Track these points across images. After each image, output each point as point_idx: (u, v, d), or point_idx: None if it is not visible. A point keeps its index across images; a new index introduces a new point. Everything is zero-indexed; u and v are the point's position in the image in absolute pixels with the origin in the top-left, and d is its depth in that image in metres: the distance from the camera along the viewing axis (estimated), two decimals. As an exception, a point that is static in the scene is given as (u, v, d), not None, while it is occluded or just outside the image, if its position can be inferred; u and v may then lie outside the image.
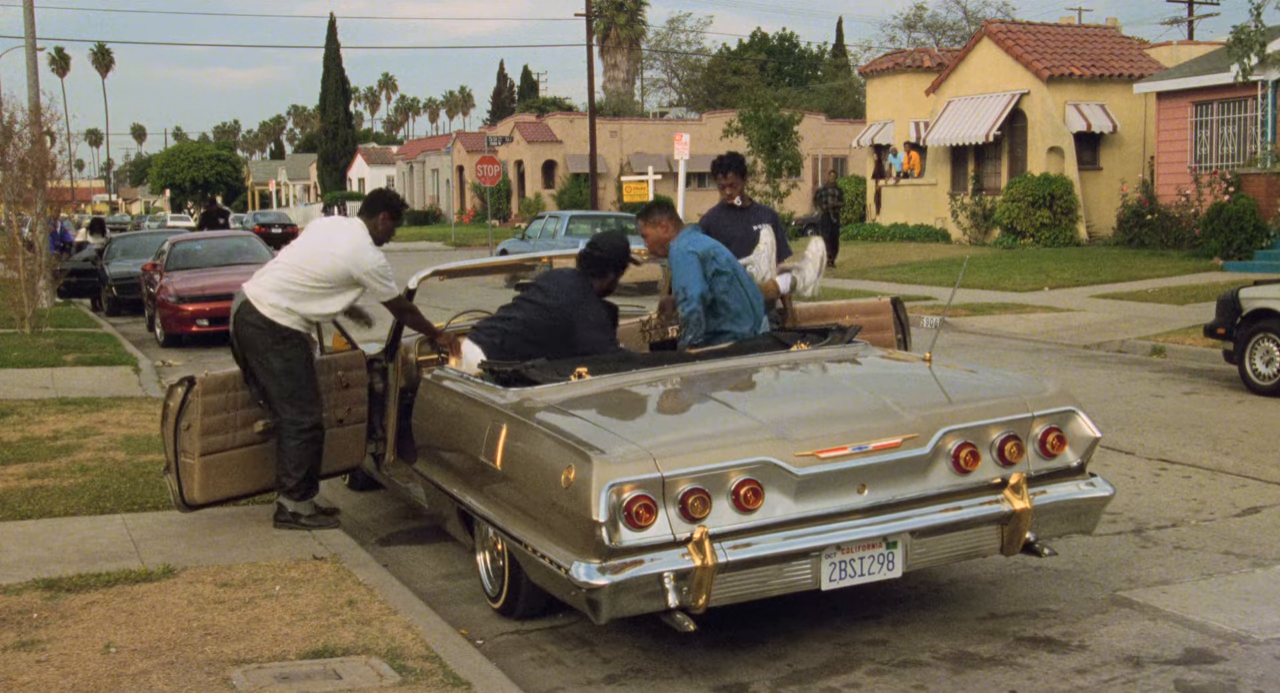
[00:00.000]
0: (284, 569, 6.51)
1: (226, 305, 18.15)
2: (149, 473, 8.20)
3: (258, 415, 7.33)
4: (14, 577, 6.38)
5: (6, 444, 9.81)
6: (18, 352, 15.94)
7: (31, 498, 7.98)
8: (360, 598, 6.02)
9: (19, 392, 12.59)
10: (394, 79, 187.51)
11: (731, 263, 7.36)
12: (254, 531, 7.33)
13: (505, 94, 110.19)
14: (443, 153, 75.01)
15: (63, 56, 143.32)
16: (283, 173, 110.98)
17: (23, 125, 20.07)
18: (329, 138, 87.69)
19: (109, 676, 5.03)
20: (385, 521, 8.04)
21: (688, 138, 27.67)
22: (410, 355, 7.86)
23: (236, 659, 5.21)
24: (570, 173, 61.35)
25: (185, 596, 6.07)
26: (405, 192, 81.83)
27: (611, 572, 4.97)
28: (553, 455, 5.36)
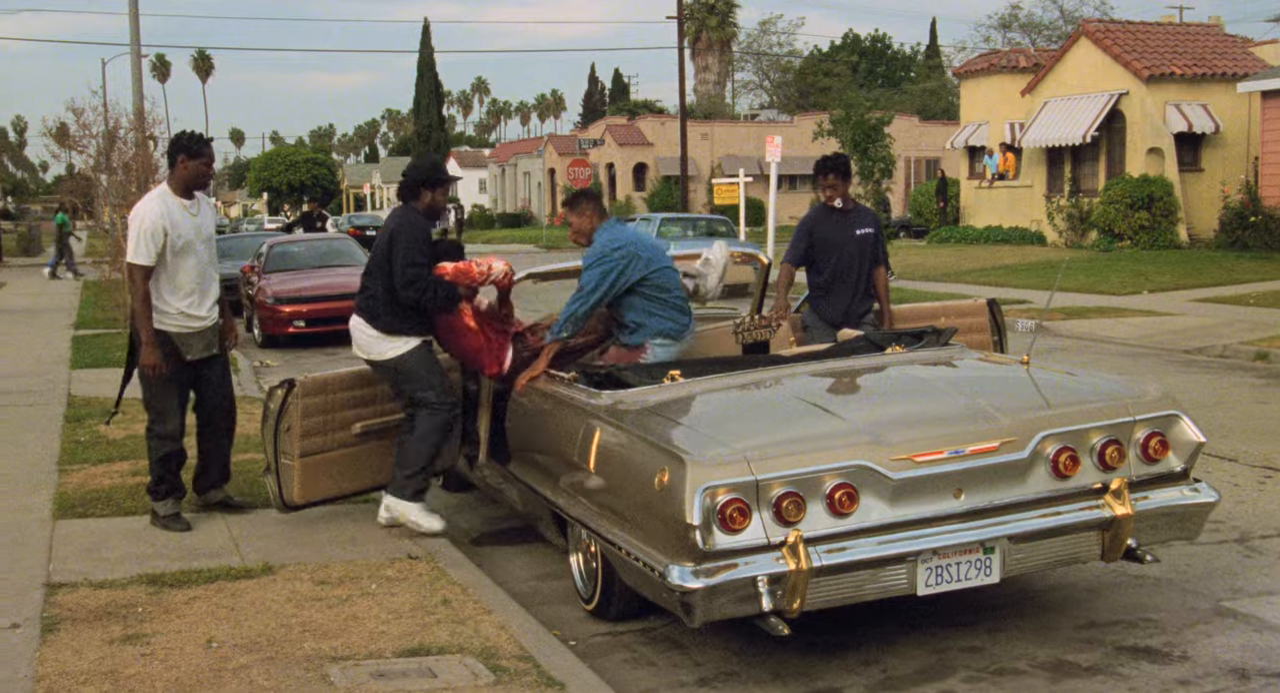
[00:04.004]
0: (380, 568, 6.59)
1: (323, 307, 18.59)
2: (249, 472, 8.33)
3: (357, 417, 7.42)
4: (119, 572, 6.52)
5: (111, 442, 10.03)
6: (121, 351, 16.24)
7: (135, 495, 8.14)
8: (455, 598, 6.07)
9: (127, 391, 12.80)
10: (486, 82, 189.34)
11: (651, 262, 7.20)
12: (350, 529, 7.42)
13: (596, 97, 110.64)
14: (534, 156, 75.46)
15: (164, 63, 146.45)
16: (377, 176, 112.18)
17: (127, 130, 20.51)
18: (422, 141, 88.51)
19: (211, 670, 5.12)
20: (478, 521, 8.10)
21: (780, 140, 27.52)
22: (504, 357, 7.90)
23: (334, 656, 5.28)
24: (661, 175, 61.41)
25: (284, 593, 6.16)
26: (497, 194, 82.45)
27: (705, 575, 4.97)
28: (646, 458, 5.37)
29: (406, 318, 7.17)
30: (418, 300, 7.08)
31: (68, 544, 7.09)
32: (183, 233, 7.44)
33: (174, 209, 7.46)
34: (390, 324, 7.16)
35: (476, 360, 7.30)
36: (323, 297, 18.21)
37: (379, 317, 7.19)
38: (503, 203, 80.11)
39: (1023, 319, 17.39)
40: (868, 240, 8.49)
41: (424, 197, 7.35)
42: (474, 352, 7.26)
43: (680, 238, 26.85)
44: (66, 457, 9.51)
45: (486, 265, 7.23)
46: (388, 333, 7.16)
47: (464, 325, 7.23)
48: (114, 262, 20.59)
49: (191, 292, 7.49)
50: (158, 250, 7.35)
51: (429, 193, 7.36)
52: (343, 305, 18.16)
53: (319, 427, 7.30)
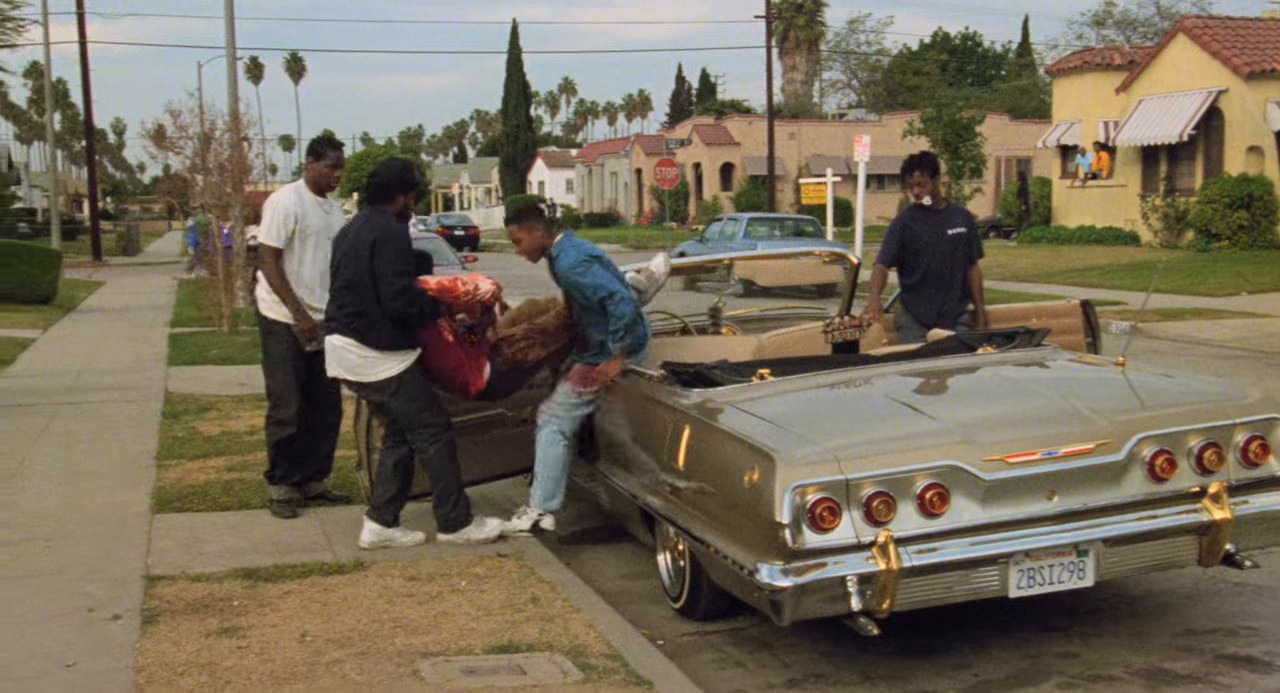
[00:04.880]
0: (469, 565, 6.64)
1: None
2: (340, 468, 8.43)
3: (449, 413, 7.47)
4: (216, 566, 6.64)
5: (207, 438, 10.21)
6: (216, 349, 16.59)
7: (231, 490, 8.29)
8: (543, 595, 6.10)
9: (217, 388, 13.09)
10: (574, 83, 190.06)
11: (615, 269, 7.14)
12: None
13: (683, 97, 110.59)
14: (621, 155, 75.63)
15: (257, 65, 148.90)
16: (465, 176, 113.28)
17: (222, 132, 20.85)
18: (510, 141, 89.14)
19: (305, 664, 5.20)
20: (566, 519, 8.11)
21: (868, 139, 27.36)
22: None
23: (425, 652, 5.33)
24: (748, 175, 61.26)
25: (375, 588, 6.23)
26: (584, 194, 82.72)
27: (794, 574, 4.95)
28: (735, 457, 5.36)
29: (397, 331, 6.85)
30: (403, 313, 6.76)
31: (166, 538, 7.23)
32: (310, 226, 7.70)
33: (306, 202, 7.77)
34: (386, 341, 6.84)
35: (455, 377, 7.00)
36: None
37: (371, 333, 6.84)
38: (589, 202, 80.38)
39: (1116, 321, 17.11)
40: (960, 240, 8.41)
41: (396, 200, 7.03)
42: (452, 369, 6.98)
43: (767, 238, 26.81)
44: (164, 452, 9.70)
45: (473, 285, 6.91)
46: (384, 350, 6.85)
47: (442, 341, 6.93)
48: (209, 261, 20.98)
49: (312, 285, 7.70)
50: (287, 235, 7.64)
51: (401, 196, 7.04)
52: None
53: (409, 424, 7.35)
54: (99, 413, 11.79)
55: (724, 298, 9.02)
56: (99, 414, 11.71)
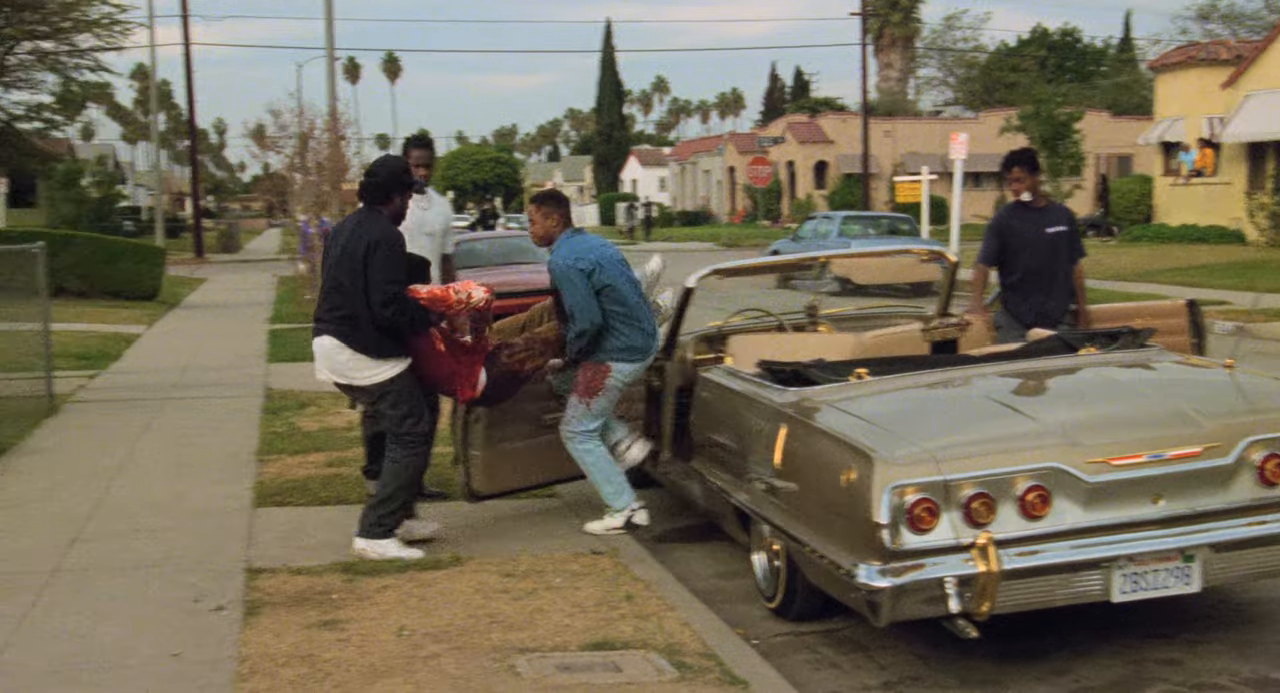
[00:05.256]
0: (564, 562, 6.66)
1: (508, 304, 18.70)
2: (437, 464, 8.49)
3: (544, 410, 7.52)
4: (316, 559, 6.73)
5: (306, 434, 10.37)
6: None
7: (330, 485, 8.41)
8: (638, 593, 6.10)
9: (316, 384, 13.17)
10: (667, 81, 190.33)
11: (614, 274, 7.15)
12: (535, 523, 7.53)
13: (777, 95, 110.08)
14: (714, 154, 75.54)
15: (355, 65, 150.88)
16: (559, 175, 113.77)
17: (321, 131, 21.18)
18: (603, 140, 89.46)
19: (403, 657, 5.25)
20: (660, 517, 8.12)
21: (965, 137, 27.01)
22: (687, 353, 7.92)
23: (520, 648, 5.36)
24: (842, 173, 60.86)
25: (471, 584, 6.27)
26: (677, 192, 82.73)
27: (892, 574, 4.91)
28: (833, 456, 5.33)
29: (390, 338, 6.73)
30: (393, 322, 6.62)
31: (267, 531, 7.35)
32: (408, 225, 7.64)
33: None
34: (374, 346, 6.71)
35: (449, 385, 6.98)
36: (504, 293, 18.40)
37: (358, 337, 6.70)
38: (682, 201, 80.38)
39: (1222, 322, 16.74)
40: (1061, 238, 8.28)
41: (393, 201, 6.90)
42: (445, 377, 6.93)
43: (861, 236, 26.61)
44: (265, 447, 9.86)
45: (465, 294, 6.79)
46: (372, 356, 6.72)
47: (433, 350, 6.86)
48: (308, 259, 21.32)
49: None
50: None
51: (397, 197, 6.92)
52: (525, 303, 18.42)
53: (507, 417, 7.42)
54: (202, 408, 12.02)
55: (820, 296, 8.96)
56: (202, 409, 11.94)
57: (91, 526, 7.52)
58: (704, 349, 7.97)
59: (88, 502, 8.11)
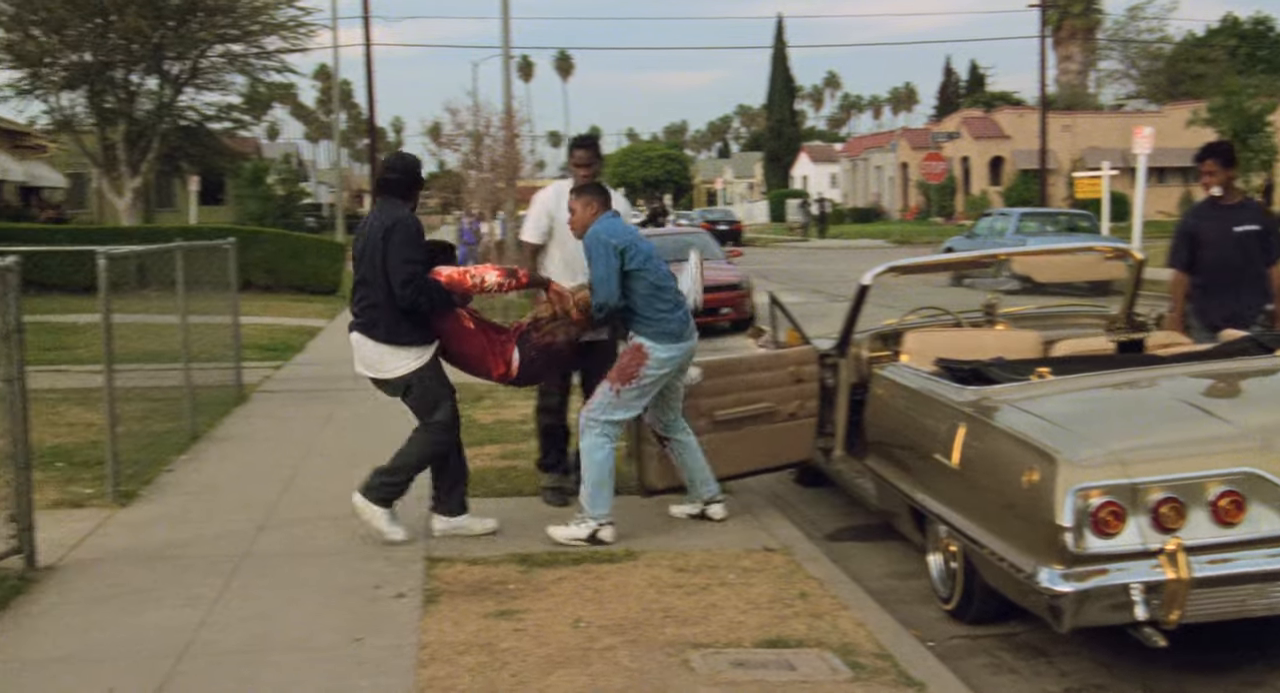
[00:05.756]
0: (736, 558, 6.65)
1: (678, 300, 18.79)
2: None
3: (714, 406, 7.52)
4: (492, 550, 6.84)
5: (482, 426, 10.54)
6: (489, 340, 17.08)
7: (505, 477, 8.54)
8: (811, 591, 6.07)
9: (491, 378, 13.46)
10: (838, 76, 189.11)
11: (647, 258, 6.96)
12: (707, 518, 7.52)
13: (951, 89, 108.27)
14: (886, 150, 74.66)
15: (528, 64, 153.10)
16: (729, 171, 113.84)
17: (497, 129, 21.51)
18: (774, 136, 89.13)
19: (579, 648, 5.30)
20: (832, 516, 8.07)
21: (1149, 131, 26.18)
22: (862, 351, 7.85)
23: (694, 643, 5.37)
24: (1018, 169, 59.62)
25: (645, 578, 6.31)
26: (848, 188, 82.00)
27: (1075, 579, 4.80)
28: (1014, 456, 5.22)
29: (410, 326, 6.84)
30: (414, 301, 6.72)
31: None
32: (563, 219, 7.80)
33: (564, 198, 7.83)
34: (393, 334, 6.83)
35: (481, 364, 7.06)
36: (678, 290, 18.57)
37: (379, 326, 6.85)
38: (853, 197, 79.65)
39: None
40: (1251, 237, 7.97)
41: (414, 197, 7.12)
42: (478, 355, 7.03)
43: (1038, 234, 26.03)
44: (442, 438, 10.03)
45: (480, 277, 6.91)
46: (392, 344, 6.85)
47: (464, 329, 7.00)
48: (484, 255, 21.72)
49: (572, 278, 7.81)
50: (543, 231, 7.93)
51: (416, 192, 7.16)
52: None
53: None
54: (380, 399, 12.23)
55: (998, 294, 8.79)
56: (381, 401, 12.15)
57: (278, 513, 7.77)
58: (879, 347, 7.88)
59: (274, 489, 8.39)
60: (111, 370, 8.19)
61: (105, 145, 35.70)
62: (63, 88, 34.58)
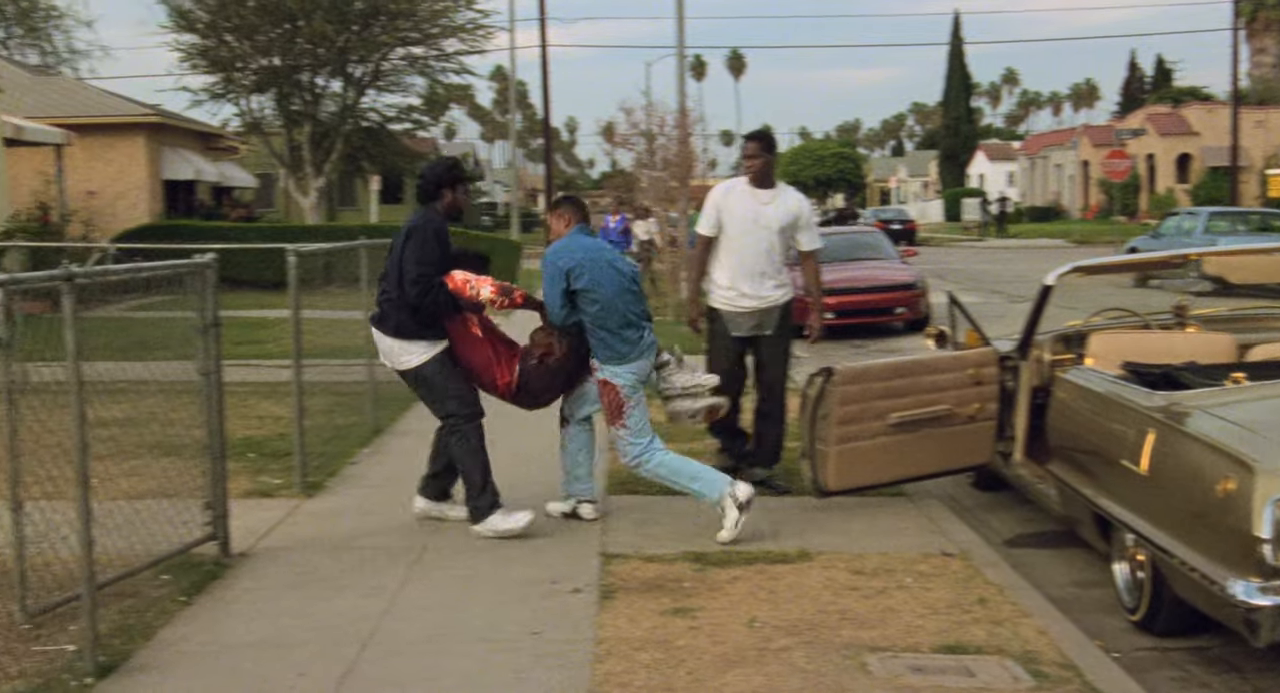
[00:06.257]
0: (913, 562, 6.57)
1: (851, 300, 18.83)
2: (786, 458, 8.52)
3: (892, 407, 7.43)
4: (666, 547, 6.87)
5: (655, 424, 10.55)
6: (662, 338, 17.13)
7: (679, 474, 8.55)
8: (991, 597, 5.96)
9: (664, 376, 13.52)
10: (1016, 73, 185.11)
11: (596, 277, 7.04)
12: (884, 521, 7.44)
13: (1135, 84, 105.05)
14: (1066, 147, 72.82)
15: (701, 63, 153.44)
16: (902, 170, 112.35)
17: (671, 128, 21.59)
18: (949, 134, 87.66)
19: (754, 648, 5.29)
20: (1011, 521, 7.92)
21: (1351, 126, 25.02)
22: (1044, 353, 7.68)
23: (871, 646, 5.32)
24: (1206, 167, 57.59)
25: (820, 579, 6.27)
26: (1026, 187, 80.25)
27: (1275, 592, 4.62)
28: (1207, 464, 5.05)
29: (418, 323, 7.01)
30: (419, 301, 6.92)
31: (619, 518, 7.55)
32: (737, 217, 8.07)
33: (738, 194, 8.17)
34: (401, 329, 7.02)
35: (485, 373, 7.19)
36: (851, 289, 18.42)
37: (389, 321, 7.09)
38: (1031, 196, 77.90)
39: None
40: None
41: (445, 197, 7.25)
42: (482, 364, 7.17)
43: (1229, 233, 25.15)
44: (616, 435, 10.11)
45: (476, 290, 7.09)
46: (401, 338, 7.04)
47: (470, 336, 7.16)
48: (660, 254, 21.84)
49: (737, 273, 8.07)
50: (712, 225, 8.14)
51: (449, 192, 7.26)
52: (871, 298, 18.37)
53: (855, 414, 7.38)
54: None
55: (1188, 296, 8.51)
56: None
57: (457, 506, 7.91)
58: (1062, 349, 7.70)
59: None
60: (300, 365, 8.45)
61: (292, 147, 36.93)
62: (253, 91, 35.88)
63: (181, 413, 7.82)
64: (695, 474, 7.18)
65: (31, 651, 5.26)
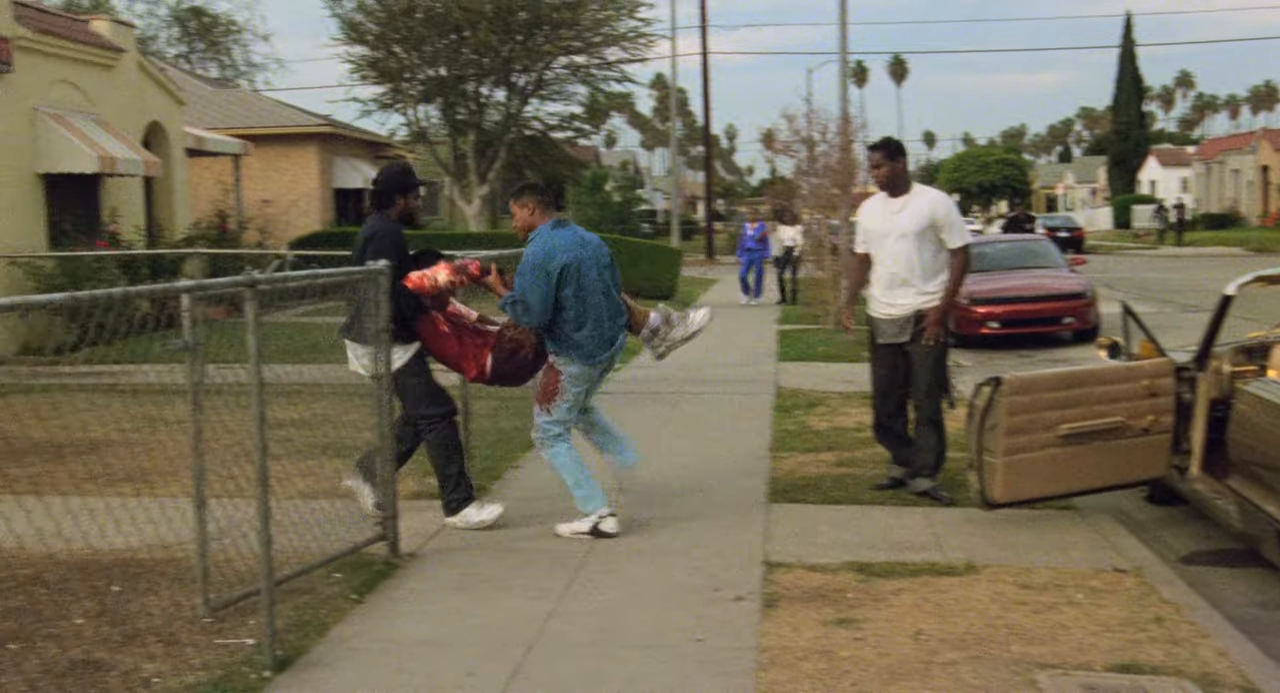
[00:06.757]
0: (1084, 578, 6.41)
1: (1017, 308, 18.50)
2: (950, 469, 8.40)
3: (1062, 419, 7.26)
4: (829, 557, 6.82)
5: (817, 432, 10.53)
6: (824, 346, 17.10)
7: (841, 484, 8.50)
8: (1167, 616, 5.78)
9: (825, 384, 13.47)
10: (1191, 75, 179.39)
11: (583, 275, 7.16)
12: (1053, 534, 7.28)
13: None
14: (1245, 152, 70.32)
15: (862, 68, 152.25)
16: (1069, 176, 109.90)
17: (833, 134, 21.43)
18: (1119, 139, 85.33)
19: (920, 661, 5.22)
20: (1186, 537, 7.67)
21: None
22: (1223, 364, 7.43)
23: (1041, 663, 5.20)
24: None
25: (987, 593, 6.16)
26: (1201, 193, 77.77)
27: None
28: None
29: None
30: None
31: (781, 526, 7.52)
32: (874, 228, 8.32)
33: (873, 206, 8.43)
34: (364, 334, 6.91)
35: (456, 366, 7.46)
36: (1018, 298, 18.08)
37: (355, 328, 7.13)
38: (1207, 202, 75.43)
39: None
40: None
41: (398, 203, 7.47)
42: (452, 357, 7.41)
43: None
44: (777, 444, 10.10)
45: (433, 277, 7.21)
46: (364, 343, 6.95)
47: (438, 332, 7.36)
48: (817, 260, 21.71)
49: (880, 281, 8.26)
50: (860, 241, 8.51)
51: (402, 199, 7.48)
52: (1039, 308, 18.00)
53: (1024, 426, 7.23)
54: (716, 403, 12.49)
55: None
56: (716, 404, 12.41)
57: (621, 512, 7.96)
58: (1243, 361, 7.44)
59: (614, 488, 8.59)
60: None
61: (456, 155, 37.64)
62: (420, 101, 36.68)
63: (353, 415, 8.03)
64: (580, 482, 7.35)
65: (213, 643, 5.45)
